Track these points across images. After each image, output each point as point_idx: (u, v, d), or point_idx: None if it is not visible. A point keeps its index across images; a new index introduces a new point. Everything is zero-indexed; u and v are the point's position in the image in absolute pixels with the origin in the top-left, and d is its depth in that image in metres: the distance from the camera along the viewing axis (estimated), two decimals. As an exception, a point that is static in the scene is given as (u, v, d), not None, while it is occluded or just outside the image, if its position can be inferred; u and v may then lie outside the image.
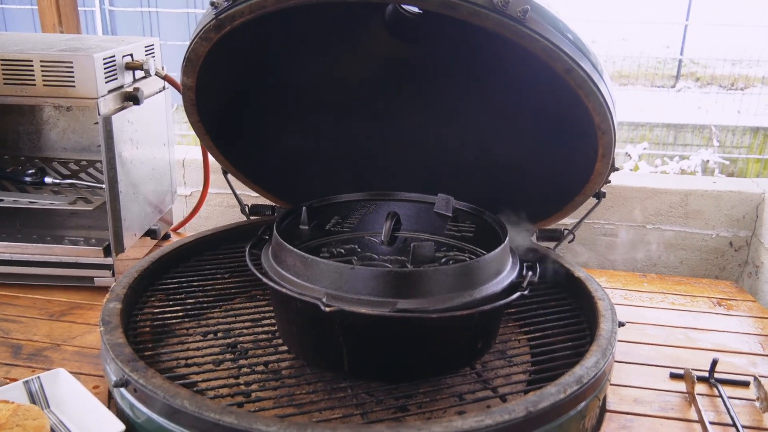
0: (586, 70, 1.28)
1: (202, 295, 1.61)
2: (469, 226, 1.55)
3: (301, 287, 1.23)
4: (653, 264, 2.26)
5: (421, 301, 1.19)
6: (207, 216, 2.42)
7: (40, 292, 1.82)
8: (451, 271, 1.24)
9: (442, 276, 1.23)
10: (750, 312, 1.86)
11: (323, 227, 1.53)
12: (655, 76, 7.81)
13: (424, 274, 1.22)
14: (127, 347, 1.26)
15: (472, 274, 1.26)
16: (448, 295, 1.21)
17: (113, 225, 1.74)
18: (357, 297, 1.19)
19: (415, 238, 1.46)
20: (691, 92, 7.84)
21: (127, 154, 1.76)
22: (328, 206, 1.63)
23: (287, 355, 1.39)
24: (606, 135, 1.40)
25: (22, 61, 1.62)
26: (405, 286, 1.20)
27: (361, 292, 1.19)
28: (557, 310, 1.54)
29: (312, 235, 1.48)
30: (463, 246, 1.46)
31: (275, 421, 1.05)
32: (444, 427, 1.05)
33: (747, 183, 2.21)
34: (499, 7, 1.19)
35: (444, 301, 1.20)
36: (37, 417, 1.18)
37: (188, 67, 1.49)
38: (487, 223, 1.54)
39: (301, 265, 1.26)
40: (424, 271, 1.23)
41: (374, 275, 1.20)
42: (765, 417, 1.38)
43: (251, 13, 1.32)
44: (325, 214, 1.58)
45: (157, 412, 1.14)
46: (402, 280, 1.21)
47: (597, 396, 1.25)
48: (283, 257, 1.30)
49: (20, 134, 2.23)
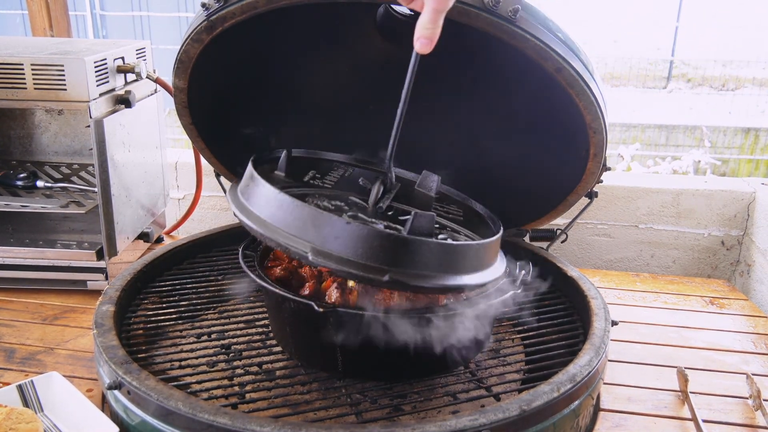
0: (576, 69, 1.29)
1: (195, 297, 1.60)
2: (457, 211, 1.47)
3: (284, 236, 1.09)
4: (646, 263, 2.27)
5: (415, 277, 1.07)
6: (200, 219, 2.42)
7: (32, 296, 1.81)
8: (458, 249, 1.13)
9: (446, 252, 1.11)
10: (742, 310, 1.86)
11: (300, 178, 1.38)
12: (647, 77, 7.85)
13: (431, 245, 1.09)
14: (121, 350, 1.26)
15: (479, 256, 1.17)
16: (448, 275, 1.11)
17: (106, 228, 1.74)
18: (346, 257, 1.05)
19: (404, 210, 1.32)
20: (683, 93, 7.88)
21: (120, 158, 1.76)
22: (306, 160, 1.50)
23: (281, 355, 1.39)
24: (597, 134, 1.41)
25: (13, 64, 1.62)
26: (402, 254, 1.07)
27: (352, 252, 1.05)
28: (550, 309, 1.55)
29: (288, 183, 1.33)
30: (458, 229, 1.36)
31: (269, 421, 1.05)
32: (438, 426, 1.05)
33: (738, 182, 2.22)
34: (489, 6, 1.20)
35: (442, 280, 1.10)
36: (31, 420, 1.18)
37: (180, 69, 1.49)
38: (475, 211, 1.47)
39: (284, 211, 1.11)
40: (431, 242, 1.09)
41: (372, 235, 1.06)
42: (757, 415, 1.38)
43: (243, 14, 1.32)
44: (300, 167, 1.44)
45: (151, 414, 1.13)
46: (401, 248, 1.07)
47: (590, 394, 1.25)
48: (261, 199, 1.16)
49: (11, 138, 2.22)
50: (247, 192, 1.20)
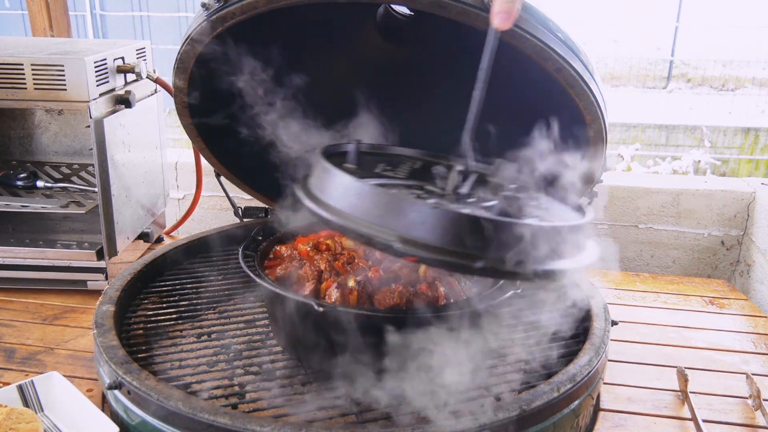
0: (576, 69, 1.29)
1: (195, 297, 1.60)
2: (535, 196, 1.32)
3: (366, 226, 1.02)
4: (646, 263, 2.27)
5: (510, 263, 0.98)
6: (200, 219, 2.42)
7: (33, 296, 1.81)
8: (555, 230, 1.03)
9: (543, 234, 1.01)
10: (742, 310, 1.86)
11: (371, 170, 1.30)
12: (647, 77, 7.85)
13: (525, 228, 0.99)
14: (121, 350, 1.26)
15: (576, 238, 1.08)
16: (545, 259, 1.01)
17: (106, 228, 1.74)
18: (434, 244, 0.98)
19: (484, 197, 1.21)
20: (683, 93, 7.88)
21: (120, 158, 1.76)
22: (373, 153, 1.43)
23: (281, 355, 1.39)
24: (597, 134, 1.41)
25: (13, 64, 1.62)
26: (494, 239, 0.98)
27: (440, 239, 0.98)
28: (550, 309, 1.54)
29: (362, 174, 1.24)
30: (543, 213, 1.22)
31: (270, 421, 1.05)
32: (438, 426, 1.05)
33: (738, 182, 2.22)
34: (489, 6, 1.20)
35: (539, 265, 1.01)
36: (31, 420, 1.18)
37: (180, 69, 1.49)
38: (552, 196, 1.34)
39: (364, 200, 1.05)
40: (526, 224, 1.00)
41: (461, 219, 0.99)
42: (757, 415, 1.38)
43: (243, 14, 1.32)
44: (368, 160, 1.37)
45: (152, 414, 1.13)
46: (493, 231, 0.97)
47: (590, 394, 1.25)
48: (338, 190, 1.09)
49: (11, 138, 2.22)
50: (320, 185, 1.14)
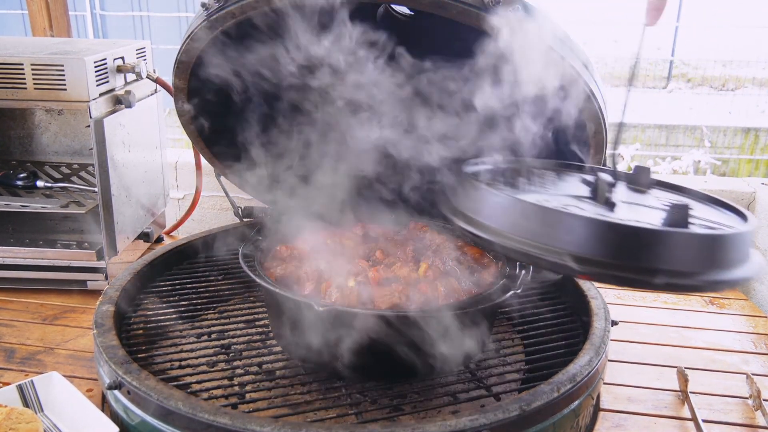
0: (576, 69, 1.29)
1: (195, 297, 1.60)
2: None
3: (535, 247, 0.99)
4: (646, 263, 2.26)
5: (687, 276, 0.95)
6: (200, 219, 2.42)
7: (33, 296, 1.81)
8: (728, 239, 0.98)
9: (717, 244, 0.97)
10: (742, 310, 1.86)
11: (516, 186, 1.26)
12: (647, 77, 7.84)
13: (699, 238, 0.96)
14: (121, 349, 1.26)
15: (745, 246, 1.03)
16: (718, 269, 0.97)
17: (106, 228, 1.74)
18: (609, 261, 0.94)
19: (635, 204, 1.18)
20: (683, 93, 7.88)
21: (119, 158, 1.76)
22: (509, 167, 1.40)
23: (281, 355, 1.39)
24: (597, 134, 1.41)
25: (13, 64, 1.62)
26: (669, 251, 0.94)
27: (616, 255, 0.94)
28: (550, 309, 1.55)
29: (513, 191, 1.20)
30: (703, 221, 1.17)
31: (269, 421, 1.05)
32: (438, 426, 1.05)
33: (738, 182, 2.22)
34: (489, 6, 1.20)
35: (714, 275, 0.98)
36: (31, 420, 1.18)
37: (180, 69, 1.49)
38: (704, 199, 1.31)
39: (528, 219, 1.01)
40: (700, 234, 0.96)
41: (632, 233, 0.95)
42: (757, 415, 1.38)
43: (242, 14, 1.32)
44: (506, 174, 1.34)
45: (151, 414, 1.13)
46: (667, 244, 0.93)
47: (590, 394, 1.25)
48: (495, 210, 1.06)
49: (11, 138, 2.22)
50: (471, 206, 1.11)
